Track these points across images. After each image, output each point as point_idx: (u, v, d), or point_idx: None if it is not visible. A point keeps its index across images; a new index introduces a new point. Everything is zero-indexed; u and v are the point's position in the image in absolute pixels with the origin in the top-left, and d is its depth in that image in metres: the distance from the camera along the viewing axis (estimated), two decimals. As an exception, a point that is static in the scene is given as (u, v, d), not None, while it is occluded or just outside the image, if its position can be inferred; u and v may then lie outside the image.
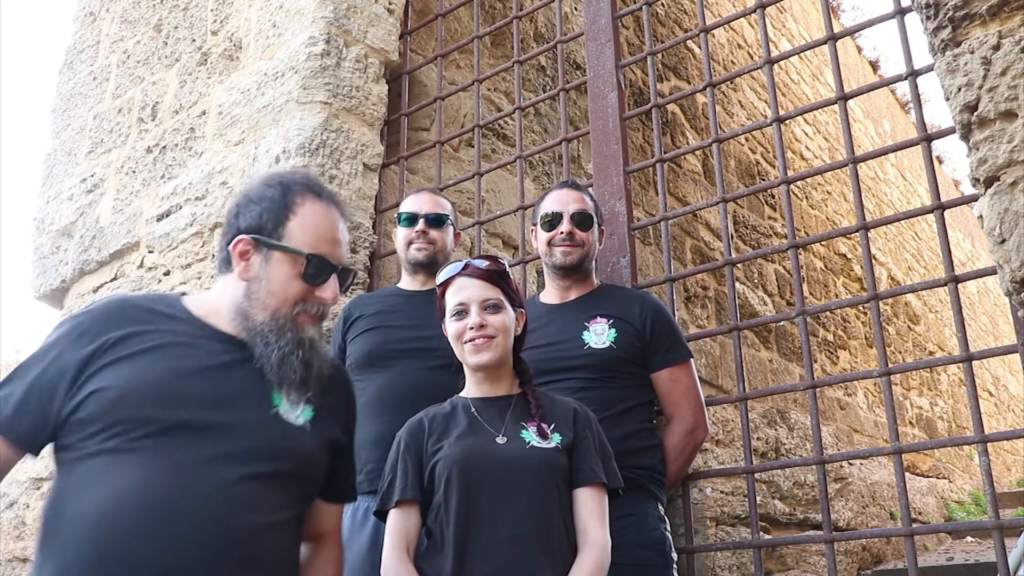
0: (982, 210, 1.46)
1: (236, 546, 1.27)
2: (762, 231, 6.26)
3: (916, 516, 6.11)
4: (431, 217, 2.49)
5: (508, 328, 1.77)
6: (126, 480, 1.25)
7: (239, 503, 1.29)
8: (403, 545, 1.63)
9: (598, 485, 1.70)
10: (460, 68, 3.88)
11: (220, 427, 1.33)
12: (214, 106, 3.47)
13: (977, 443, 2.03)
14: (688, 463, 2.23)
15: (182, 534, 1.23)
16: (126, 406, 1.29)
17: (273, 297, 1.44)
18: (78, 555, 1.22)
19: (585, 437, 1.74)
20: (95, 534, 1.22)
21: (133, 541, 1.21)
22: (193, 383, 1.35)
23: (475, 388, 1.80)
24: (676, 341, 2.23)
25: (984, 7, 1.46)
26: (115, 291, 3.63)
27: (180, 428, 1.30)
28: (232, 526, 1.27)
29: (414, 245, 2.47)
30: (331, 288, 1.47)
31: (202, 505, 1.26)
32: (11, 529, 3.53)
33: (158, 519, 1.23)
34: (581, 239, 2.26)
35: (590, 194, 2.38)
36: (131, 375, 1.32)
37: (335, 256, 1.48)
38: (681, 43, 4.58)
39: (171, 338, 1.39)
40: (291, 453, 1.40)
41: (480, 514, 1.59)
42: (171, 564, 1.22)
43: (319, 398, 1.47)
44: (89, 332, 1.36)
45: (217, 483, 1.28)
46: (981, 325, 11.21)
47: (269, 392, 1.41)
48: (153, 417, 1.29)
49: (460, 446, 1.66)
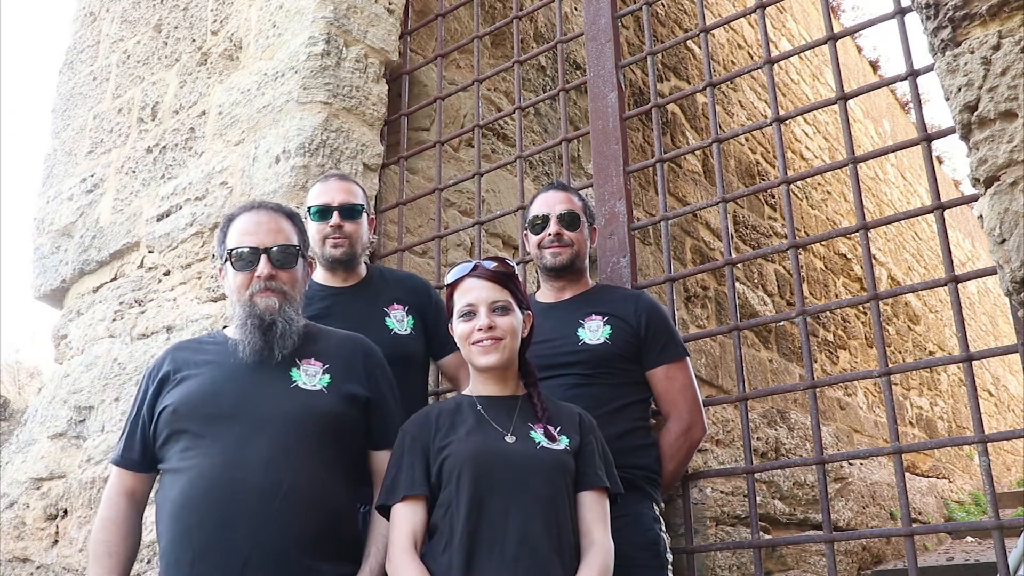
0: (982, 210, 1.46)
1: (280, 499, 1.60)
2: (762, 231, 6.26)
3: (916, 516, 6.11)
4: (345, 208, 2.30)
5: (516, 330, 1.78)
6: (193, 473, 1.64)
7: (278, 468, 1.62)
8: (411, 540, 1.62)
9: (601, 489, 1.72)
10: (460, 68, 3.88)
11: (251, 412, 1.67)
12: (214, 106, 3.47)
13: (977, 443, 2.03)
14: (685, 462, 2.22)
15: (238, 503, 1.59)
16: (181, 417, 1.69)
17: (232, 294, 1.81)
18: (171, 534, 1.64)
19: (590, 442, 1.76)
20: (178, 517, 1.62)
21: (203, 515, 1.60)
22: (226, 387, 1.72)
23: (480, 387, 1.80)
24: (671, 338, 2.23)
25: (984, 7, 1.46)
26: (115, 291, 3.64)
27: (221, 422, 1.66)
28: (276, 487, 1.61)
29: (329, 241, 2.28)
30: (261, 265, 1.78)
31: (246, 474, 1.61)
32: (11, 529, 3.53)
33: (217, 496, 1.60)
34: (570, 239, 2.26)
35: (579, 194, 2.38)
36: (182, 393, 1.73)
37: (255, 242, 1.79)
38: (681, 43, 4.58)
39: (213, 356, 1.79)
40: (313, 415, 1.71)
41: (490, 512, 1.59)
42: (231, 523, 1.58)
43: (333, 362, 1.80)
44: (157, 369, 1.82)
45: (259, 456, 1.63)
46: (981, 325, 11.21)
47: (287, 372, 1.75)
48: (202, 418, 1.68)
49: (470, 443, 1.66)
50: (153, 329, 3.33)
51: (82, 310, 3.82)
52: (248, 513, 1.58)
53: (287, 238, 1.83)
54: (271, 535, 1.58)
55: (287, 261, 1.81)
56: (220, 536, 1.58)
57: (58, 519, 3.36)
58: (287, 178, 2.98)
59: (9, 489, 3.65)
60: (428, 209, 3.45)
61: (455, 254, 3.61)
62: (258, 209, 1.86)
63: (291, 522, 1.61)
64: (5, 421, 4.02)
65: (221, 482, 1.61)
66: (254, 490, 1.60)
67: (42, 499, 3.45)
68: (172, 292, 3.35)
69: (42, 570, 3.31)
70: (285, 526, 1.60)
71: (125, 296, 3.56)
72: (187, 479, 1.64)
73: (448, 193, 3.56)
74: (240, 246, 1.80)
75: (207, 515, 1.59)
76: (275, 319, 1.74)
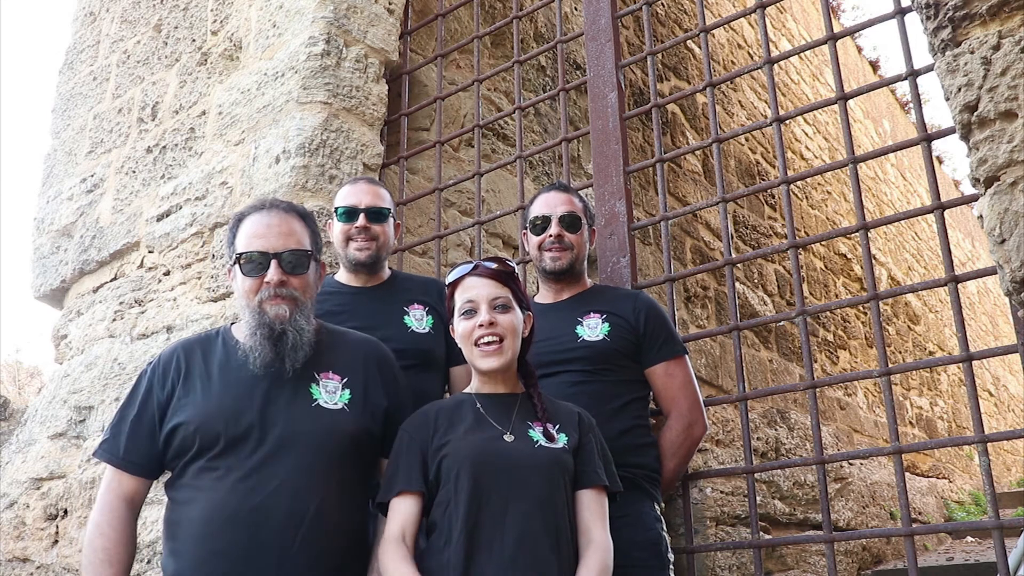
0: (982, 210, 1.46)
1: (306, 528, 1.59)
2: (762, 231, 6.26)
3: (916, 516, 6.11)
4: (372, 211, 2.25)
5: (516, 329, 1.78)
6: (216, 496, 1.60)
7: (302, 494, 1.60)
8: (400, 531, 1.62)
9: (600, 488, 1.72)
10: (460, 68, 3.88)
11: (274, 432, 1.64)
12: (214, 106, 3.47)
13: (977, 443, 2.03)
14: (687, 460, 2.22)
15: (263, 531, 1.56)
16: (202, 436, 1.64)
17: (241, 298, 1.74)
18: (193, 556, 1.59)
19: (589, 440, 1.76)
20: (201, 541, 1.59)
21: (228, 543, 1.56)
22: (246, 403, 1.66)
23: (480, 385, 1.81)
24: (670, 336, 2.23)
25: (984, 7, 1.46)
26: (115, 291, 3.64)
27: (242, 441, 1.63)
28: (300, 515, 1.59)
29: (354, 243, 2.23)
30: (271, 271, 1.70)
31: (271, 502, 1.58)
32: (11, 529, 3.53)
33: (242, 523, 1.57)
34: (570, 241, 2.25)
35: (579, 195, 2.38)
36: (201, 409, 1.67)
37: (265, 246, 1.71)
38: (681, 43, 4.58)
39: (227, 362, 1.72)
40: (337, 436, 1.68)
41: (489, 511, 1.60)
42: (256, 551, 1.56)
43: (352, 375, 1.76)
44: (166, 368, 1.75)
45: (284, 481, 1.60)
46: (981, 325, 11.20)
47: (307, 388, 1.71)
48: (222, 436, 1.63)
49: (469, 441, 1.67)
50: (153, 329, 3.33)
51: (82, 310, 3.82)
52: (274, 544, 1.56)
53: (299, 241, 1.75)
54: (297, 565, 1.57)
55: (299, 266, 1.74)
56: (245, 567, 1.55)
57: (58, 519, 3.36)
58: (287, 178, 2.98)
59: (9, 489, 3.65)
60: (428, 209, 3.45)
61: (455, 254, 3.61)
62: (269, 209, 1.78)
63: (316, 552, 1.59)
64: (5, 421, 4.02)
65: (245, 508, 1.57)
66: (279, 518, 1.57)
67: (42, 499, 3.45)
68: (172, 292, 3.35)
69: (42, 570, 3.32)
70: (312, 557, 1.58)
71: (125, 296, 3.56)
72: (209, 501, 1.60)
73: (448, 193, 3.56)
74: (250, 250, 1.72)
75: (232, 544, 1.56)
76: (285, 328, 1.68)
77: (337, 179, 3.02)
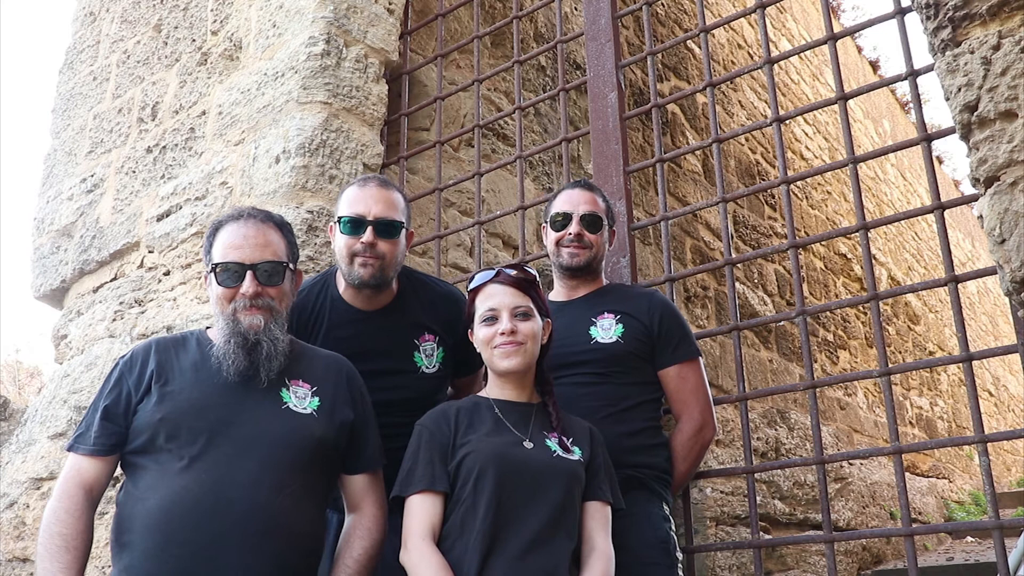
0: (982, 210, 1.46)
1: (268, 526, 1.58)
2: (762, 231, 6.26)
3: (916, 516, 6.12)
4: (381, 224, 1.97)
5: (536, 336, 1.81)
6: (177, 485, 1.59)
7: (267, 490, 1.60)
8: (429, 530, 1.64)
9: (605, 501, 1.78)
10: (460, 68, 3.88)
11: (241, 430, 1.64)
12: (214, 106, 3.47)
13: (977, 443, 2.03)
14: (697, 462, 2.22)
15: (225, 524, 1.55)
16: (168, 426, 1.63)
17: (215, 305, 1.75)
18: (145, 545, 1.57)
19: (598, 456, 1.81)
20: (157, 529, 1.57)
21: (188, 532, 1.55)
22: (216, 400, 1.67)
23: (497, 390, 1.83)
24: (685, 338, 2.22)
25: (984, 7, 1.46)
26: (115, 291, 3.64)
27: (209, 437, 1.62)
28: (264, 510, 1.58)
29: (359, 260, 1.97)
30: (246, 283, 1.72)
31: (236, 494, 1.58)
32: (11, 529, 3.53)
33: (204, 514, 1.56)
34: (590, 241, 2.24)
35: (603, 194, 2.36)
36: (169, 402, 1.67)
37: (241, 257, 1.73)
38: (681, 43, 4.58)
39: (199, 362, 1.73)
40: (304, 439, 1.69)
41: (508, 513, 1.63)
42: (216, 542, 1.55)
43: (321, 385, 1.77)
44: (138, 364, 1.74)
45: (248, 477, 1.60)
46: (981, 325, 11.20)
47: (277, 392, 1.72)
48: (190, 430, 1.63)
49: (491, 444, 1.69)
50: (153, 329, 3.33)
51: (82, 310, 3.82)
52: (236, 536, 1.56)
53: (275, 253, 1.76)
54: (256, 559, 1.56)
55: (274, 276, 1.75)
56: (206, 555, 1.54)
57: (58, 519, 3.35)
58: (287, 178, 2.98)
59: (9, 489, 3.65)
60: (428, 209, 3.45)
61: (455, 254, 3.61)
62: (246, 219, 1.78)
63: (277, 549, 1.59)
64: (5, 421, 4.02)
65: (208, 501, 1.57)
66: (242, 513, 1.57)
67: (42, 499, 3.45)
68: (172, 292, 3.35)
69: (42, 570, 3.31)
70: (272, 554, 1.58)
71: (125, 296, 3.56)
72: (170, 491, 1.59)
73: (448, 193, 3.56)
74: (226, 260, 1.73)
75: (192, 534, 1.55)
76: (260, 339, 1.69)
77: (337, 179, 3.02)
